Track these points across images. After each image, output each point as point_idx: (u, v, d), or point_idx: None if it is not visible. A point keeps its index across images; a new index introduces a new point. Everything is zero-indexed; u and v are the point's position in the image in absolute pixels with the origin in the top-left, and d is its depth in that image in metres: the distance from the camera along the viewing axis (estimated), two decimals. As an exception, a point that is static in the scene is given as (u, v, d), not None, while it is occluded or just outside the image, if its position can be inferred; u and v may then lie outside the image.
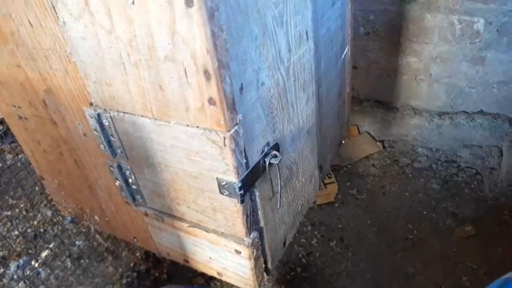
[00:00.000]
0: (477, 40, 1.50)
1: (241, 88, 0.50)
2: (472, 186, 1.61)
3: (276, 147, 0.61)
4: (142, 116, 0.56)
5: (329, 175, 1.68)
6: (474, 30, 1.48)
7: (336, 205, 1.61)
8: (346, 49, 0.81)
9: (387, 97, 1.83)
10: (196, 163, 0.56)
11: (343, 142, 1.03)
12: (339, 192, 1.65)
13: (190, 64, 0.45)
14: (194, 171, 0.58)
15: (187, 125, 0.52)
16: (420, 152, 1.78)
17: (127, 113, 0.57)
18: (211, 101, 0.47)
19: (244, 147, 0.53)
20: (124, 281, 1.08)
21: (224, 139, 0.49)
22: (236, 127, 0.51)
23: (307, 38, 0.64)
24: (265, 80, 0.55)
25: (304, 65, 0.65)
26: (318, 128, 0.76)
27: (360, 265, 1.40)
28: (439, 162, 1.73)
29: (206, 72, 0.45)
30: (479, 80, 1.58)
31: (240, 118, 0.51)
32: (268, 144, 0.59)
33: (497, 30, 1.46)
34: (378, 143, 1.83)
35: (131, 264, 1.12)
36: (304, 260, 1.43)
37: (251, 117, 0.54)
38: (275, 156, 0.59)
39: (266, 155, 0.59)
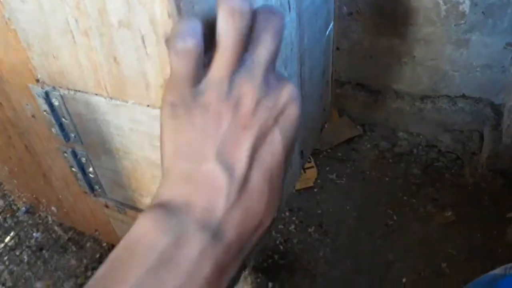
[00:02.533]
0: (462, 22, 1.45)
1: (212, 63, 0.42)
2: (453, 171, 1.59)
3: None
4: (96, 94, 0.47)
5: (308, 160, 1.62)
6: (459, 12, 1.43)
7: (315, 190, 1.56)
8: (331, 25, 0.74)
9: (369, 80, 1.77)
10: (159, 150, 0.48)
11: (326, 126, 0.97)
12: (319, 177, 1.60)
13: (148, 32, 0.38)
14: (158, 159, 0.50)
15: (148, 106, 0.44)
16: (401, 137, 1.74)
17: (79, 91, 0.49)
18: (175, 77, 0.39)
19: (216, 132, 0.46)
20: (89, 273, 1.00)
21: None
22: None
23: (289, 9, 0.57)
24: (240, 54, 0.47)
25: (286, 39, 0.58)
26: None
27: (339, 251, 1.36)
28: (420, 147, 1.69)
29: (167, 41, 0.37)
30: (463, 63, 1.53)
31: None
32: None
33: (483, 12, 1.41)
34: (358, 127, 1.78)
35: (97, 256, 1.04)
36: (281, 247, 1.38)
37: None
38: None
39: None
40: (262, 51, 0.33)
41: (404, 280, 1.25)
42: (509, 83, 1.48)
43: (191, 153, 0.34)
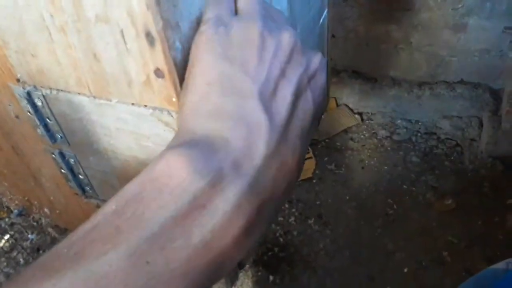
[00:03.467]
0: (460, 5, 1.43)
1: (197, 57, 0.40)
2: (452, 158, 1.57)
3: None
4: (79, 93, 0.45)
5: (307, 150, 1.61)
6: (456, -5, 1.41)
7: (314, 181, 1.55)
8: (325, 12, 0.72)
9: (365, 67, 1.75)
10: (148, 149, 0.46)
11: (323, 117, 0.95)
12: (317, 167, 1.59)
13: (127, 25, 0.35)
14: (147, 159, 0.48)
15: (132, 104, 0.42)
16: (399, 124, 1.72)
17: (61, 90, 0.47)
18: (158, 72, 0.37)
19: (205, 128, 0.44)
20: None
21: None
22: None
23: (279, -2, 0.54)
24: (228, 46, 0.45)
25: (276, 30, 0.56)
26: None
27: (339, 242, 1.35)
28: (419, 134, 1.68)
29: (148, 35, 0.35)
30: (461, 48, 1.51)
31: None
32: None
33: (480, -6, 1.38)
34: (356, 115, 1.76)
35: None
36: (281, 240, 1.37)
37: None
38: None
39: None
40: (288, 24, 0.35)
41: (405, 270, 1.24)
42: (507, 67, 1.46)
43: (229, 86, 0.31)
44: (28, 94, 0.50)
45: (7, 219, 0.95)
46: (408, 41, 1.61)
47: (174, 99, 0.39)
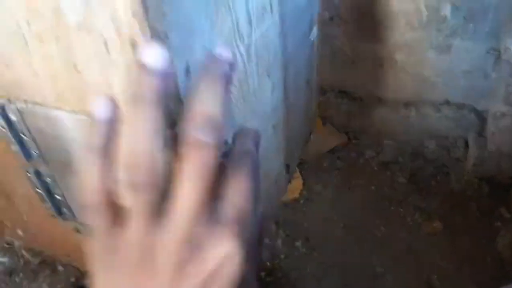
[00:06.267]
0: (444, 26, 1.44)
1: (187, 70, 0.37)
2: (439, 178, 1.57)
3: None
4: (56, 108, 0.42)
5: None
6: (441, 16, 1.42)
7: (301, 201, 1.52)
8: (315, 29, 0.70)
9: (351, 87, 1.75)
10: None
11: (311, 137, 0.93)
12: (304, 187, 1.56)
13: (111, 34, 0.33)
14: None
15: (115, 120, 0.39)
16: (386, 144, 1.72)
17: (38, 104, 0.43)
18: (144, 86, 0.34)
19: (193, 147, 0.41)
20: (63, 300, 0.93)
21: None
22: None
23: (271, 11, 0.52)
24: (219, 60, 0.42)
25: (268, 45, 0.54)
26: (285, 123, 0.65)
27: (327, 266, 1.32)
28: (406, 155, 1.67)
29: (134, 45, 0.32)
30: (445, 69, 1.52)
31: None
32: (226, 143, 0.47)
33: (464, 17, 1.40)
34: (343, 135, 1.75)
35: (72, 279, 0.97)
36: (268, 263, 1.33)
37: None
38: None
39: (224, 156, 0.47)
40: (183, 206, 0.27)
41: (394, 293, 1.21)
42: (491, 89, 1.47)
43: None
44: (2, 108, 0.46)
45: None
46: (394, 60, 1.62)
47: (161, 115, 0.36)
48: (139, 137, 0.26)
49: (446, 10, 1.39)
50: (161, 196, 0.27)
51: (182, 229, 0.27)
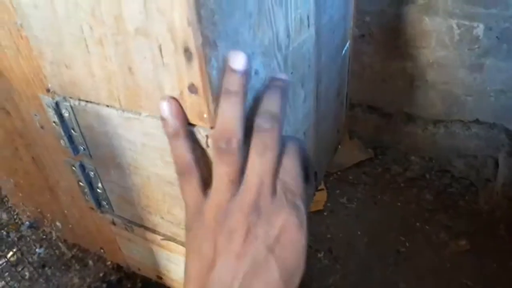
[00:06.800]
0: (476, 46, 1.44)
1: (231, 76, 0.40)
2: (467, 198, 1.55)
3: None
4: (108, 106, 0.46)
5: (318, 182, 1.59)
6: (473, 36, 1.42)
7: (325, 213, 1.53)
8: (347, 44, 0.73)
9: (380, 102, 1.76)
10: (171, 166, 0.46)
11: (339, 147, 0.95)
12: (329, 200, 1.57)
13: (166, 40, 0.36)
14: (170, 176, 0.48)
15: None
16: (413, 161, 1.71)
17: (91, 102, 0.47)
18: (192, 88, 0.38)
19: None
20: (91, 293, 0.97)
21: (207, 138, 0.40)
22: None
23: (308, 25, 0.55)
24: (259, 68, 0.45)
25: (304, 56, 0.56)
26: (315, 131, 0.67)
27: (349, 278, 1.31)
28: (433, 172, 1.66)
29: (186, 50, 0.35)
30: (476, 88, 1.51)
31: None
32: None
33: (497, 37, 1.40)
34: (369, 150, 1.75)
35: (101, 274, 1.00)
36: (289, 273, 1.34)
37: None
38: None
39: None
40: (253, 178, 0.34)
41: (417, 310, 1.20)
42: (525, 109, 1.45)
43: (193, 276, 0.36)
44: (57, 104, 0.50)
45: (16, 232, 0.94)
46: (424, 78, 1.62)
47: (205, 116, 0.39)
48: (230, 119, 0.35)
49: (479, 30, 1.39)
50: (238, 169, 0.35)
51: (251, 197, 0.34)
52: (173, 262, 0.59)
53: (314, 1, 0.55)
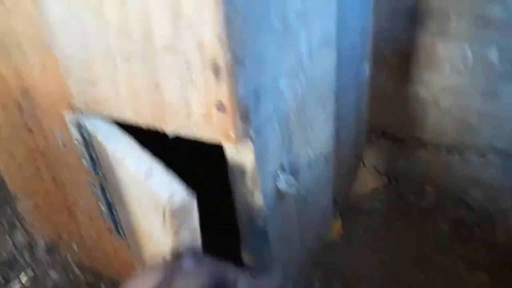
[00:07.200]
0: (491, 73, 1.44)
1: (257, 94, 0.40)
2: (484, 228, 1.51)
3: (292, 172, 0.51)
4: (135, 124, 0.46)
5: (331, 209, 1.57)
6: (488, 62, 1.42)
7: (339, 242, 1.49)
8: (366, 66, 0.73)
9: (393, 128, 1.74)
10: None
11: (357, 173, 0.93)
12: (342, 228, 1.54)
13: (195, 57, 0.36)
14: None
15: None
16: (428, 189, 1.68)
17: (116, 119, 0.47)
18: (219, 106, 0.38)
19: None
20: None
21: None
22: (248, 142, 0.41)
23: (330, 46, 0.56)
24: (284, 88, 0.46)
25: (325, 77, 0.56)
26: (334, 156, 0.66)
27: (364, 310, 1.27)
28: (448, 201, 1.62)
29: (215, 67, 0.35)
30: (492, 115, 1.50)
31: (253, 132, 0.41)
32: (282, 167, 0.49)
33: (512, 63, 1.39)
34: (383, 177, 1.73)
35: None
36: (304, 303, 1.30)
37: (266, 132, 0.44)
38: (291, 183, 0.49)
39: (279, 180, 0.49)
40: None
41: None
42: (542, 137, 1.43)
43: None
44: (79, 124, 0.50)
45: (31, 254, 0.93)
46: (437, 104, 1.61)
47: (231, 134, 0.39)
48: None
49: (494, 56, 1.39)
50: None
51: None
52: None
53: (336, 23, 0.56)
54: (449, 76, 1.50)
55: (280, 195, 0.49)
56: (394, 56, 1.57)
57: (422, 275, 1.36)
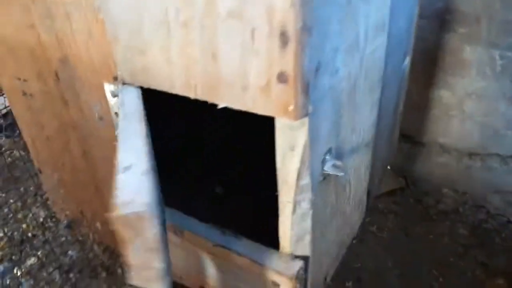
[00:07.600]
0: (519, 78, 1.40)
1: (317, 68, 0.38)
2: (504, 235, 1.48)
3: (338, 156, 0.49)
4: (183, 95, 0.44)
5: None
6: (517, 67, 1.39)
7: (354, 241, 1.47)
8: (407, 58, 0.70)
9: (414, 131, 1.71)
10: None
11: (388, 167, 0.91)
12: (358, 227, 1.51)
13: (262, 23, 0.34)
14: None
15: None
16: (446, 193, 1.65)
17: (164, 91, 0.45)
18: (281, 76, 0.35)
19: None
20: (117, 301, 0.93)
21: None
22: (304, 120, 0.39)
23: (383, 30, 0.53)
24: (340, 66, 0.43)
25: (376, 63, 0.54)
26: (374, 144, 0.64)
27: (378, 311, 1.25)
28: (467, 206, 1.59)
29: (283, 34, 0.33)
30: (518, 121, 1.47)
31: (311, 109, 0.39)
32: (330, 150, 0.47)
33: (542, 69, 1.36)
34: (400, 179, 1.70)
35: (128, 284, 0.97)
36: (316, 300, 1.28)
37: (320, 110, 0.42)
38: (338, 166, 0.47)
39: (327, 163, 0.47)
40: None
41: None
42: None
43: None
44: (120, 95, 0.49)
45: (49, 231, 0.92)
46: (461, 109, 1.58)
47: (291, 108, 0.36)
48: None
49: (524, 61, 1.36)
50: None
51: None
52: (224, 273, 0.56)
53: (390, 7, 0.53)
54: (475, 80, 1.47)
55: (325, 178, 0.47)
56: (420, 59, 1.54)
57: (440, 279, 1.34)
